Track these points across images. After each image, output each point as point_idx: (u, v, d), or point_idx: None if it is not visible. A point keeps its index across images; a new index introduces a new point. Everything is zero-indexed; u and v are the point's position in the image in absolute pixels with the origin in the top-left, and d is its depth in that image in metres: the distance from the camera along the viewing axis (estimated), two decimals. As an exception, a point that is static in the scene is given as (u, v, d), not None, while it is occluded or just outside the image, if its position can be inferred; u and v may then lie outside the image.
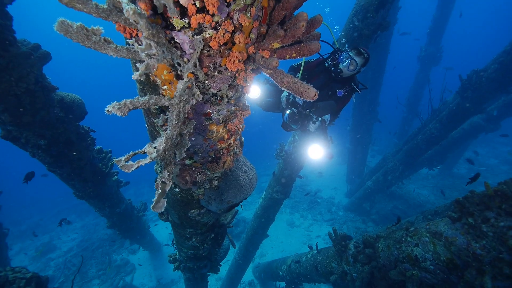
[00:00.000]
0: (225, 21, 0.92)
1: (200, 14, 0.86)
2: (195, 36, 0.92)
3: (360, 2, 4.44)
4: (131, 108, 0.90)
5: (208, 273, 4.78)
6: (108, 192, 5.54)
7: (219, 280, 9.78)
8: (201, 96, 1.06)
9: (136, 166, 0.89)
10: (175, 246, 3.97)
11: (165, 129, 1.34)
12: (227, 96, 1.24)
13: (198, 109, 1.25)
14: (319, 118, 3.13)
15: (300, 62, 3.25)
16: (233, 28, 0.95)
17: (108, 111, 0.86)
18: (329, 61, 3.05)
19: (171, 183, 1.09)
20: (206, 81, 1.11)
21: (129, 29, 0.91)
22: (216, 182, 1.94)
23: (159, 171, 1.05)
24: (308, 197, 13.71)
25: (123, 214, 6.46)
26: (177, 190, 2.00)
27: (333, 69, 2.97)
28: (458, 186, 12.80)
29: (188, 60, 0.99)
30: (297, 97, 3.08)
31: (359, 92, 3.08)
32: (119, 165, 0.87)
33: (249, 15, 0.97)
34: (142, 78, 0.81)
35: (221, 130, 1.45)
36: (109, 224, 6.56)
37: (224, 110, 1.34)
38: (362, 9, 4.41)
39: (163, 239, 11.83)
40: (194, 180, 1.77)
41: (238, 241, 10.49)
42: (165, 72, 1.05)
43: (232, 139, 1.64)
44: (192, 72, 1.02)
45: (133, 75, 0.80)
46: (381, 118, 12.03)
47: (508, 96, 8.51)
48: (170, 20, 0.87)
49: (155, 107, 1.30)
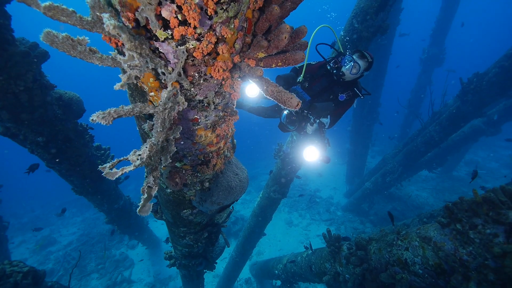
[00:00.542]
0: (208, 33, 0.94)
1: (183, 27, 0.88)
2: (178, 47, 0.95)
3: (360, 4, 4.43)
4: (116, 116, 0.93)
5: (204, 270, 4.81)
6: (107, 188, 5.60)
7: (216, 277, 9.87)
8: (186, 103, 1.09)
9: (120, 173, 0.92)
10: (170, 243, 4.01)
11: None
12: (214, 102, 1.27)
13: (186, 115, 1.28)
14: (317, 120, 3.12)
15: (302, 64, 3.19)
16: (216, 40, 0.97)
17: (92, 120, 0.89)
18: (331, 64, 2.99)
19: (157, 188, 1.13)
20: (192, 89, 1.14)
21: (114, 39, 0.94)
22: (207, 183, 1.97)
23: (145, 176, 1.08)
24: (307, 197, 13.75)
25: (121, 210, 6.53)
26: (168, 191, 2.04)
27: (335, 71, 2.92)
28: (458, 189, 12.78)
29: (173, 69, 1.02)
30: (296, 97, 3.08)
31: (362, 97, 3.01)
32: (104, 173, 0.90)
33: (232, 26, 0.99)
34: (124, 88, 0.84)
35: (209, 135, 1.48)
36: (108, 219, 6.64)
37: (211, 116, 1.37)
38: (362, 11, 4.40)
39: (161, 235, 11.93)
40: (185, 182, 1.80)
41: (236, 239, 10.56)
42: (151, 79, 1.08)
43: (221, 142, 1.67)
44: (176, 81, 1.05)
45: (115, 85, 0.82)
46: (382, 120, 12.00)
47: (509, 100, 8.46)
48: (154, 32, 0.90)
49: (143, 112, 1.33)
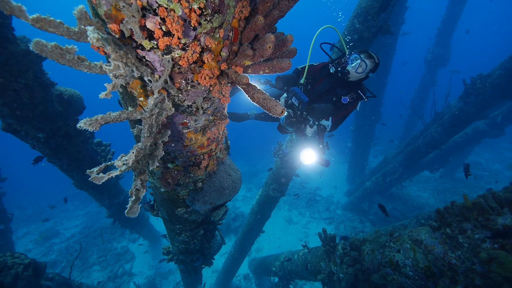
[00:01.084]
0: (193, 43, 0.97)
1: (167, 37, 0.91)
2: (164, 56, 0.98)
3: (362, 4, 4.40)
4: (103, 123, 0.97)
5: (202, 266, 4.88)
6: (107, 183, 5.70)
7: (215, 272, 10.00)
8: (173, 109, 1.12)
9: (106, 178, 0.96)
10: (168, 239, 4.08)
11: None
12: (203, 107, 1.30)
13: (175, 119, 1.31)
14: (316, 122, 3.10)
15: (304, 65, 3.11)
16: (200, 49, 1.00)
17: (80, 127, 0.93)
18: (335, 64, 2.93)
19: (145, 191, 1.17)
20: (179, 95, 1.17)
21: (102, 48, 0.97)
22: (200, 184, 2.01)
23: (134, 179, 1.12)
24: (307, 195, 13.79)
25: (122, 205, 6.64)
26: (162, 190, 2.08)
27: (339, 69, 2.85)
28: (459, 190, 12.72)
29: (160, 77, 1.05)
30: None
31: (366, 100, 2.90)
32: (91, 177, 0.94)
33: (217, 36, 1.01)
34: (109, 97, 0.87)
35: (200, 138, 1.52)
36: (109, 214, 6.76)
37: (201, 120, 1.40)
38: (363, 12, 4.36)
39: (162, 230, 12.07)
40: (177, 182, 1.84)
41: (235, 235, 10.66)
42: (139, 86, 1.11)
43: (213, 145, 1.70)
44: (163, 88, 1.08)
45: (100, 94, 0.86)
46: (385, 120, 11.93)
47: (514, 102, 8.36)
48: (139, 42, 0.93)
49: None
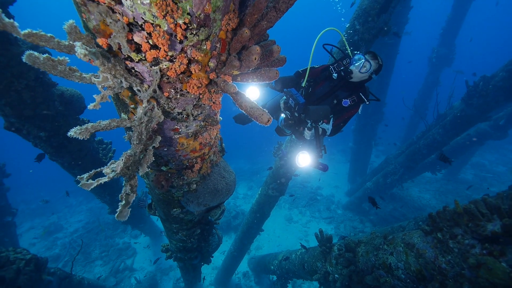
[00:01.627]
0: (179, 55, 1.00)
1: (154, 50, 0.95)
2: (152, 67, 1.01)
3: (362, 6, 4.38)
4: (93, 131, 1.01)
5: (201, 263, 4.95)
6: (108, 181, 5.76)
7: (215, 269, 10.10)
8: (163, 117, 1.15)
9: (95, 185, 1.00)
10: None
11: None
12: (193, 114, 1.34)
13: (166, 125, 1.35)
14: (314, 125, 3.08)
15: (306, 67, 3.08)
16: (187, 61, 1.03)
17: (70, 135, 0.97)
18: (337, 65, 2.91)
19: (134, 195, 1.21)
20: (169, 103, 1.21)
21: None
22: (195, 185, 2.05)
23: (123, 184, 1.16)
24: (308, 194, 13.81)
25: (123, 202, 6.72)
26: (157, 191, 2.13)
27: (342, 68, 2.82)
28: (461, 192, 12.62)
29: (149, 86, 1.08)
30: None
31: (367, 103, 2.83)
32: (80, 184, 0.99)
33: (204, 48, 1.04)
34: (97, 108, 0.91)
35: (191, 143, 1.55)
36: (110, 210, 6.86)
37: (192, 126, 1.44)
38: (364, 13, 4.35)
39: (162, 226, 12.21)
40: (171, 184, 1.89)
41: (236, 233, 10.73)
42: (129, 95, 1.15)
43: (206, 149, 1.74)
44: (153, 97, 1.12)
45: (89, 105, 0.90)
46: (388, 121, 11.86)
47: (518, 104, 8.26)
48: (127, 54, 0.96)
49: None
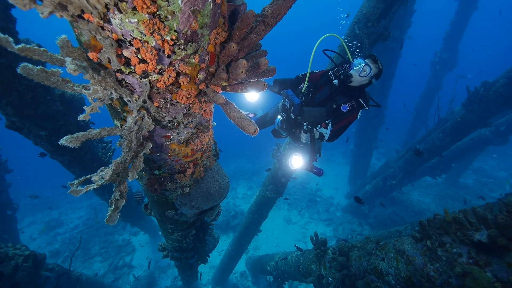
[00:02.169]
0: (168, 68, 1.04)
1: (143, 64, 0.98)
2: (142, 79, 1.05)
3: (362, 10, 4.39)
4: (84, 139, 1.05)
5: (198, 262, 4.99)
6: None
7: (212, 268, 10.16)
8: (153, 126, 1.19)
9: (84, 191, 1.04)
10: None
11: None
12: (183, 122, 1.38)
13: (158, 132, 1.39)
14: (310, 127, 3.11)
15: (305, 72, 3.12)
16: (176, 74, 1.07)
17: (61, 143, 1.01)
18: (337, 69, 2.93)
19: (124, 201, 1.25)
20: (160, 112, 1.25)
21: (85, 71, 1.05)
22: (188, 189, 2.10)
23: (113, 190, 1.20)
24: (307, 196, 13.83)
25: (122, 200, 6.79)
26: (151, 193, 2.17)
27: (342, 71, 2.84)
28: (461, 196, 12.58)
29: (139, 97, 1.12)
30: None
31: (366, 108, 2.85)
32: (70, 190, 1.03)
33: (193, 61, 1.08)
34: (87, 118, 0.95)
35: (183, 149, 1.59)
36: (110, 208, 6.93)
37: (183, 133, 1.47)
38: (364, 18, 4.36)
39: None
40: (164, 188, 1.93)
41: (234, 233, 10.78)
42: (120, 104, 1.19)
43: (198, 154, 1.78)
44: (143, 107, 1.16)
45: (79, 116, 0.94)
46: (390, 125, 11.84)
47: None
48: (117, 68, 1.00)
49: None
